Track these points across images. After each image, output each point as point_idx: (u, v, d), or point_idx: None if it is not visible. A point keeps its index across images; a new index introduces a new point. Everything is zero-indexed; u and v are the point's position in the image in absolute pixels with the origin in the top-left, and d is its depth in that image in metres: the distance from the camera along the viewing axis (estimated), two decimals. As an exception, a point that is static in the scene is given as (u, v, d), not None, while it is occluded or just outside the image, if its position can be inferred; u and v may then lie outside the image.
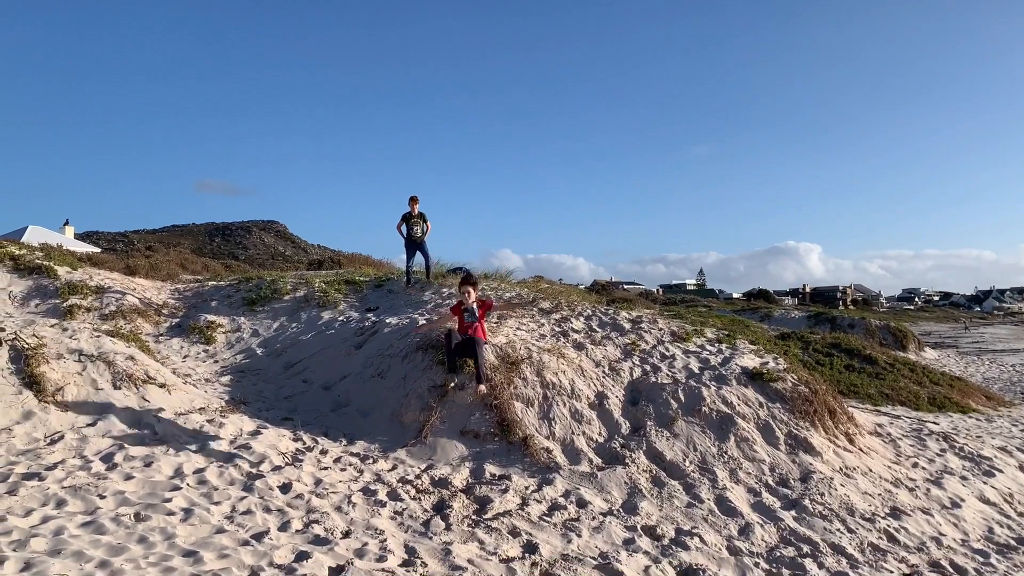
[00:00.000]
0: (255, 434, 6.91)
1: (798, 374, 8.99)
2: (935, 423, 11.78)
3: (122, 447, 6.02)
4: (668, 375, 8.60)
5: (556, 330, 10.02)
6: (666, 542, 5.63)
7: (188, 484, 5.54)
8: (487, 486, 6.29)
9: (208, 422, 6.98)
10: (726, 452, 7.29)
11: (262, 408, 8.09)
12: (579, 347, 9.28)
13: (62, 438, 6.04)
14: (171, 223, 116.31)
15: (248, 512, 5.20)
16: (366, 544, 4.91)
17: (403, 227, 12.49)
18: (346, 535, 5.06)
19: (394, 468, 6.63)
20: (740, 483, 6.84)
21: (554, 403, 7.69)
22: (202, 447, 6.30)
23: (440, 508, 5.76)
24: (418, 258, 12.90)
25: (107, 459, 5.78)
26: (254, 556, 4.49)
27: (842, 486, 6.91)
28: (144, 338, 10.22)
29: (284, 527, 5.04)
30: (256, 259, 72.97)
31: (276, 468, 6.14)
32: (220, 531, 4.81)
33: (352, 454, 6.88)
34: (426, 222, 12.59)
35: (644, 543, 5.53)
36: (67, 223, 38.70)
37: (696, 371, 8.77)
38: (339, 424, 7.72)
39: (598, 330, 10.15)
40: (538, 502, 6.08)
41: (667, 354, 9.32)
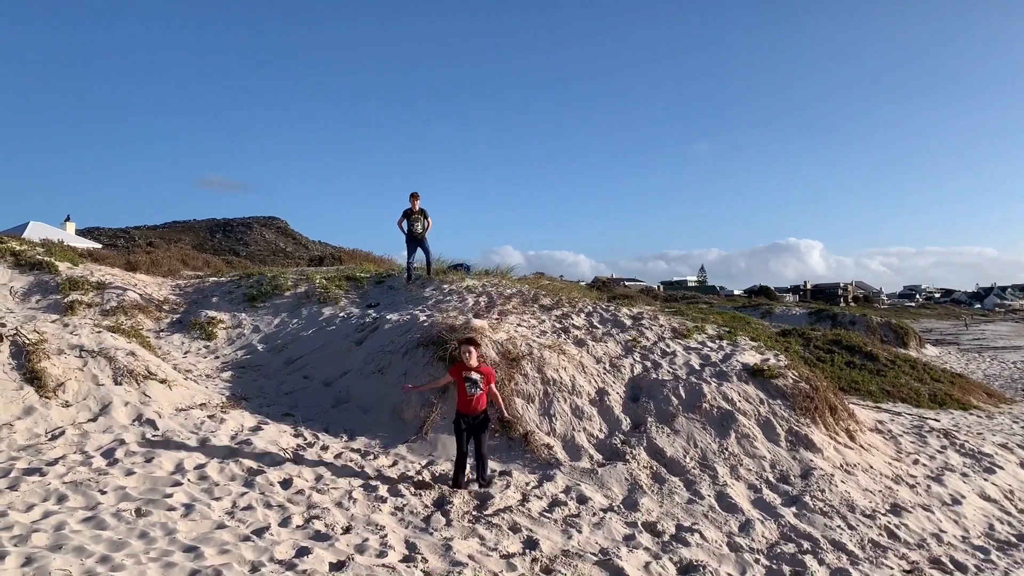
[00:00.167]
0: (256, 430, 6.92)
1: (799, 371, 8.98)
2: (936, 420, 11.77)
3: (123, 443, 6.03)
4: (669, 371, 8.60)
5: (557, 326, 10.02)
6: (666, 538, 5.63)
7: (189, 480, 5.55)
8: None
9: (209, 418, 6.99)
10: (727, 448, 7.29)
11: (263, 404, 8.09)
12: (580, 343, 9.28)
13: (63, 434, 6.05)
14: (172, 219, 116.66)
15: (249, 508, 5.20)
16: (367, 540, 4.91)
17: (404, 223, 12.48)
18: (347, 531, 5.06)
19: (395, 464, 6.63)
20: (741, 479, 6.84)
21: (555, 399, 7.69)
22: (203, 443, 6.31)
23: (441, 504, 5.77)
24: (419, 254, 12.90)
25: (108, 455, 5.79)
26: (255, 552, 4.49)
27: (843, 483, 6.91)
28: (145, 334, 10.23)
29: (285, 523, 5.04)
30: (257, 255, 73.08)
31: (277, 464, 6.15)
32: (221, 527, 4.82)
33: (353, 450, 6.88)
34: (427, 218, 12.58)
35: (644, 539, 5.54)
36: (68, 219, 38.67)
37: (697, 368, 8.76)
38: (340, 420, 7.73)
39: (599, 327, 10.15)
40: (539, 498, 6.09)
41: (668, 351, 9.32)
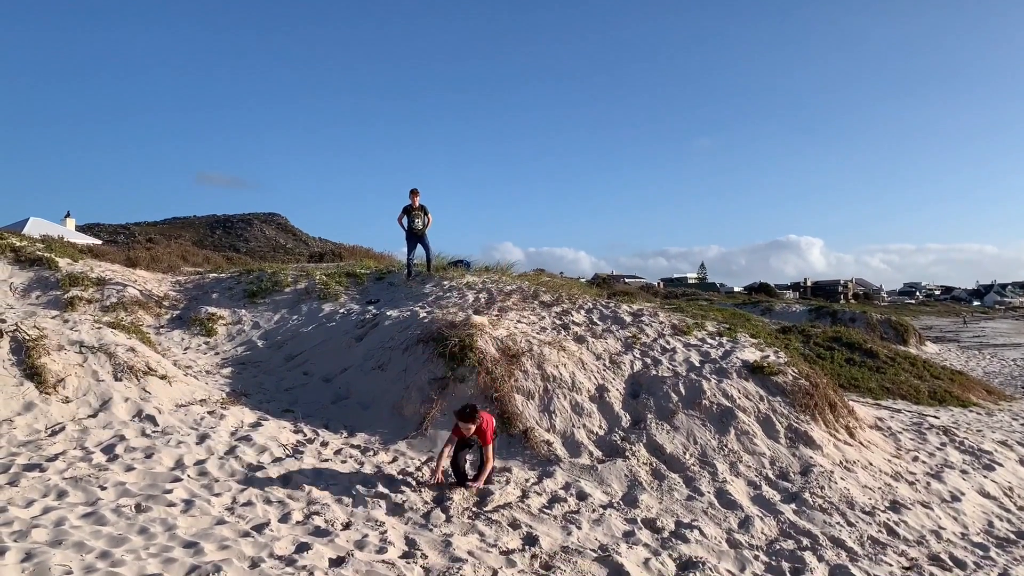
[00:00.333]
0: (256, 426, 6.93)
1: (799, 368, 8.98)
2: (935, 417, 11.78)
3: (123, 438, 6.04)
4: (669, 368, 8.60)
5: (557, 323, 10.02)
6: (666, 535, 5.63)
7: (189, 475, 5.56)
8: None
9: (209, 414, 7.00)
10: (726, 445, 7.29)
11: (263, 400, 8.10)
12: (580, 340, 9.28)
13: (63, 429, 6.06)
14: (172, 215, 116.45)
15: (249, 503, 5.21)
16: (366, 536, 4.92)
17: (404, 220, 12.48)
18: (346, 527, 5.07)
19: (395, 460, 6.64)
20: (740, 476, 6.84)
21: (555, 396, 7.69)
22: (203, 439, 6.31)
23: (440, 500, 5.77)
24: (419, 251, 12.91)
25: (108, 450, 5.79)
26: (255, 547, 4.50)
27: (842, 479, 6.91)
28: (145, 330, 10.23)
29: (284, 519, 5.05)
30: (257, 251, 73.05)
31: (277, 460, 6.16)
32: (221, 522, 4.83)
33: (353, 446, 6.89)
34: (427, 215, 12.58)
35: (644, 535, 5.54)
36: (68, 215, 38.65)
37: (697, 364, 8.76)
38: (340, 416, 7.73)
39: (599, 323, 10.15)
40: (538, 494, 6.09)
41: (668, 347, 9.32)
